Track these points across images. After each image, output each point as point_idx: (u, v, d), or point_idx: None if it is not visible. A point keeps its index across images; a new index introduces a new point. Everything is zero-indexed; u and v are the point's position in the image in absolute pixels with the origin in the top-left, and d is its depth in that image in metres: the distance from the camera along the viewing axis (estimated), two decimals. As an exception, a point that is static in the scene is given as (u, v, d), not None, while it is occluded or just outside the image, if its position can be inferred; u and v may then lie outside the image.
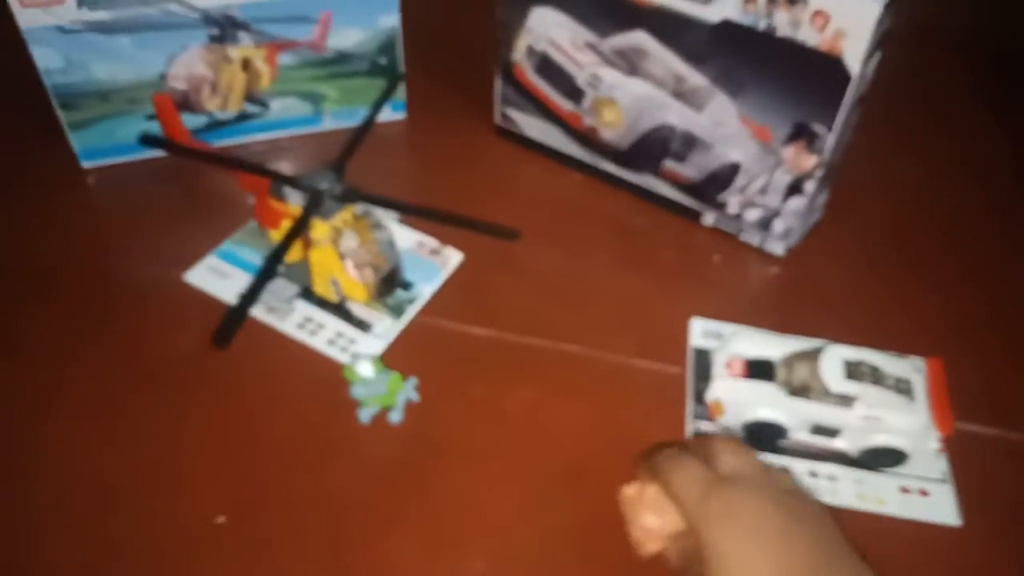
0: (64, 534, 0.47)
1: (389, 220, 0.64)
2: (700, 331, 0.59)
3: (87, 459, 0.50)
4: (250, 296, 0.47)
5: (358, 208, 0.57)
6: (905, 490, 0.51)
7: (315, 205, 0.54)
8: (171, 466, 0.50)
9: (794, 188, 0.61)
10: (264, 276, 0.50)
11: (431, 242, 0.65)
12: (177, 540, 0.47)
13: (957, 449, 0.53)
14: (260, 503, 0.49)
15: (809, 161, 0.59)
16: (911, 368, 0.52)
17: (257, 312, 0.58)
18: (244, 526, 0.47)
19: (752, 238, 0.66)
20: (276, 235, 0.58)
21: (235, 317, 0.46)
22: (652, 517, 0.44)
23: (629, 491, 0.48)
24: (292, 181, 0.55)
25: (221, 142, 0.72)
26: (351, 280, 0.57)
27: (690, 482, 0.41)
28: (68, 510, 0.48)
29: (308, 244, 0.57)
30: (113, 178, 0.70)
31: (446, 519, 0.49)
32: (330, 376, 0.54)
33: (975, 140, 0.81)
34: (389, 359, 0.56)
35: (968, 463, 0.52)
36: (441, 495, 0.50)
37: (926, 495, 0.51)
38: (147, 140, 0.61)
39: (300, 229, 0.53)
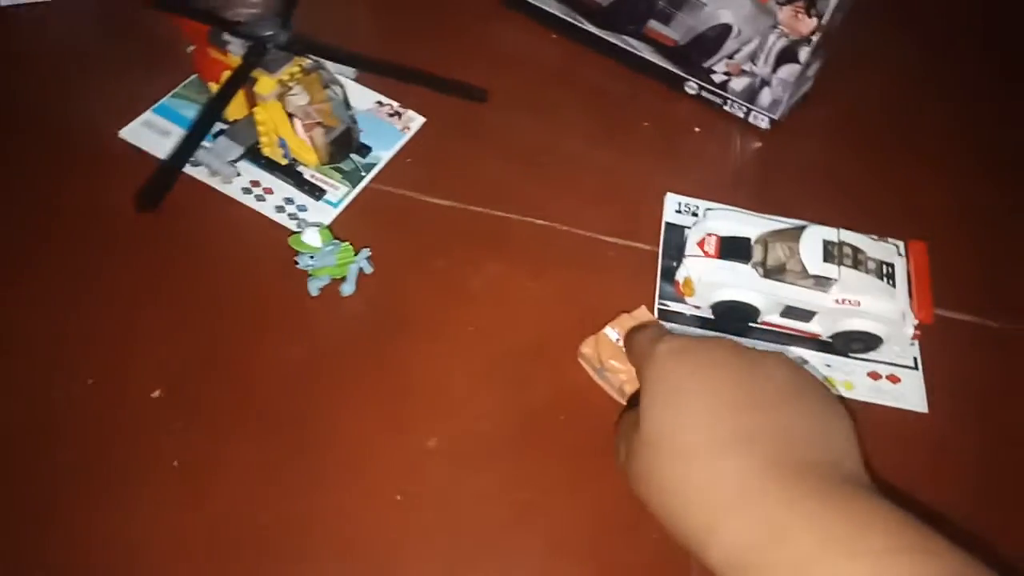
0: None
1: (344, 77, 0.59)
2: (674, 207, 0.56)
3: (6, 325, 0.47)
4: (178, 156, 0.43)
5: (307, 61, 0.51)
6: (875, 375, 0.49)
7: (257, 55, 0.49)
8: (102, 336, 0.47)
9: (787, 55, 0.56)
10: (196, 133, 0.45)
11: (391, 103, 0.60)
12: (107, 415, 0.44)
13: (930, 336, 0.51)
14: (199, 377, 0.46)
15: (807, 24, 0.54)
16: (895, 252, 0.50)
17: (200, 174, 0.54)
18: (182, 401, 0.45)
19: (737, 110, 0.62)
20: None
21: (161, 179, 0.41)
22: (617, 361, 0.45)
23: (585, 348, 0.47)
24: (230, 27, 0.49)
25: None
26: (300, 141, 0.52)
27: (650, 331, 0.38)
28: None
29: (253, 100, 0.51)
30: (37, 18, 0.63)
31: (397, 395, 0.46)
32: (278, 245, 0.51)
33: (977, 14, 0.76)
34: (343, 228, 0.53)
35: (940, 350, 0.51)
36: (393, 370, 0.47)
37: (896, 381, 0.49)
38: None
39: (239, 81, 0.48)
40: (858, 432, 0.34)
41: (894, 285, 0.48)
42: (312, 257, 0.47)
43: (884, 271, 0.48)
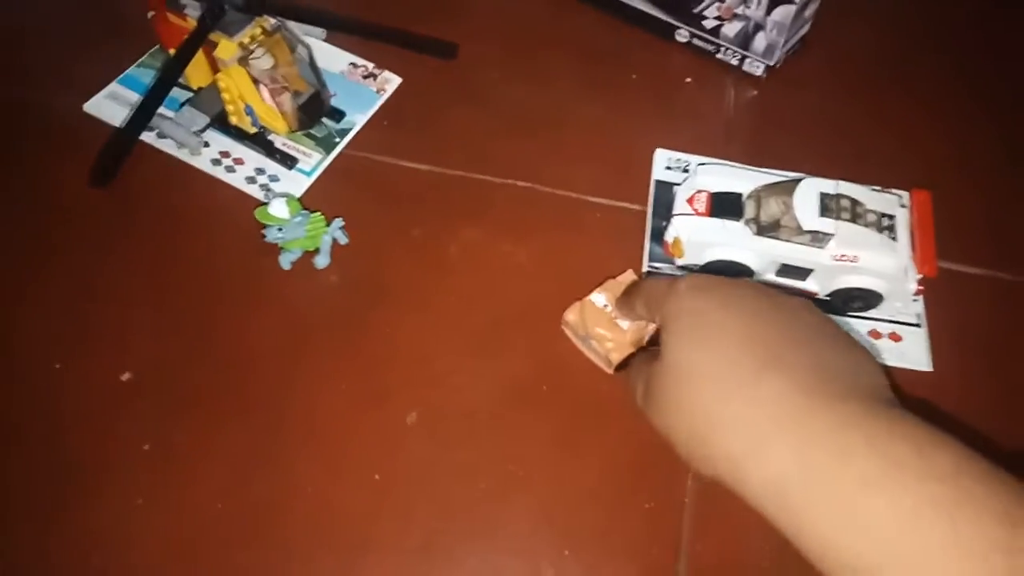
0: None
1: (313, 38, 0.56)
2: (664, 163, 0.53)
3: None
4: (131, 126, 0.41)
5: (270, 22, 0.49)
6: (875, 334, 0.47)
7: (213, 17, 0.46)
8: (68, 318, 0.46)
9: (780, -5, 0.53)
10: (150, 101, 0.43)
11: (365, 64, 0.57)
12: (77, 400, 0.43)
13: (935, 290, 0.48)
14: (170, 358, 0.44)
15: (799, -39, 0.51)
16: (896, 203, 0.47)
17: (167, 147, 0.52)
18: (154, 382, 0.43)
19: (730, 57, 0.58)
20: (180, 56, 0.50)
21: (113, 151, 0.39)
22: (604, 328, 0.43)
23: (570, 316, 0.45)
24: (185, -12, 0.47)
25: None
26: (268, 108, 0.50)
27: (659, 281, 0.37)
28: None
29: (217, 67, 0.49)
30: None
31: (375, 370, 0.45)
32: (250, 218, 0.48)
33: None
34: (318, 197, 0.51)
35: (946, 305, 0.48)
36: (371, 345, 0.46)
37: (898, 340, 0.47)
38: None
39: (195, 46, 0.45)
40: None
41: (895, 238, 0.45)
42: (280, 229, 0.45)
43: (884, 224, 0.45)
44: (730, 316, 0.32)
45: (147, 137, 0.51)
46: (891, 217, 0.45)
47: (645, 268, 0.49)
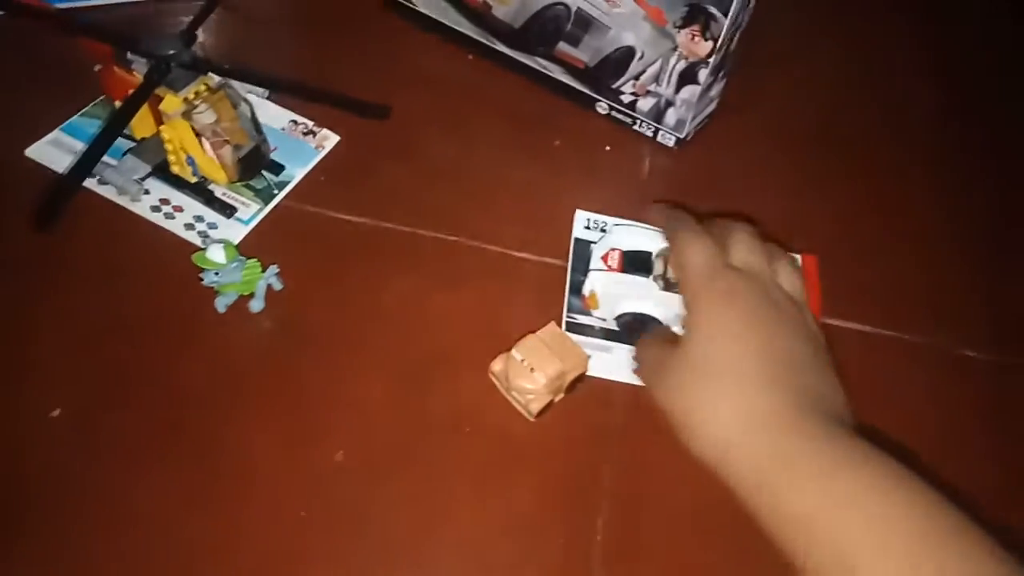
0: None
1: (257, 96, 0.59)
2: (583, 223, 0.57)
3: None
4: (76, 172, 0.43)
5: (214, 80, 0.52)
6: (771, 383, 0.51)
7: (159, 74, 0.49)
8: (3, 356, 0.46)
9: (688, 76, 0.59)
10: (94, 150, 0.45)
11: (305, 122, 0.60)
12: (4, 435, 0.43)
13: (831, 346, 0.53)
14: (101, 397, 0.45)
15: (704, 47, 0.56)
16: (788, 263, 0.52)
17: (107, 193, 0.53)
18: (84, 421, 0.44)
19: (645, 129, 0.64)
20: (125, 108, 0.52)
21: (58, 195, 0.41)
22: (524, 381, 0.46)
23: (496, 366, 0.47)
24: (134, 46, 0.49)
25: (67, 3, 0.65)
26: (209, 160, 0.52)
27: (703, 260, 0.44)
28: None
29: (160, 119, 0.51)
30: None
31: (305, 410, 0.47)
32: (187, 263, 0.50)
33: (885, 39, 0.80)
34: (255, 246, 0.53)
35: (840, 361, 0.53)
36: (301, 387, 0.47)
37: (791, 388, 0.51)
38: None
39: (140, 100, 0.48)
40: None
41: (785, 295, 0.50)
42: (217, 274, 0.47)
43: (776, 282, 0.50)
44: (752, 328, 0.41)
45: (88, 183, 0.53)
46: (782, 276, 0.50)
47: (564, 319, 0.52)
